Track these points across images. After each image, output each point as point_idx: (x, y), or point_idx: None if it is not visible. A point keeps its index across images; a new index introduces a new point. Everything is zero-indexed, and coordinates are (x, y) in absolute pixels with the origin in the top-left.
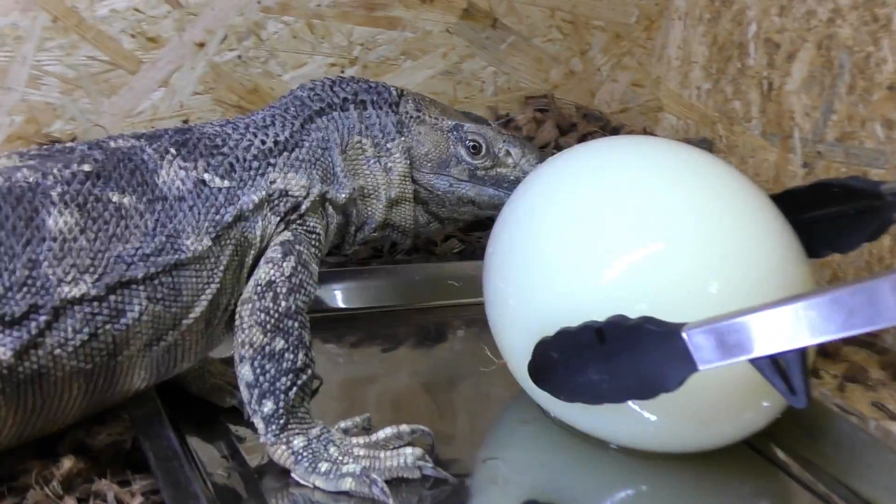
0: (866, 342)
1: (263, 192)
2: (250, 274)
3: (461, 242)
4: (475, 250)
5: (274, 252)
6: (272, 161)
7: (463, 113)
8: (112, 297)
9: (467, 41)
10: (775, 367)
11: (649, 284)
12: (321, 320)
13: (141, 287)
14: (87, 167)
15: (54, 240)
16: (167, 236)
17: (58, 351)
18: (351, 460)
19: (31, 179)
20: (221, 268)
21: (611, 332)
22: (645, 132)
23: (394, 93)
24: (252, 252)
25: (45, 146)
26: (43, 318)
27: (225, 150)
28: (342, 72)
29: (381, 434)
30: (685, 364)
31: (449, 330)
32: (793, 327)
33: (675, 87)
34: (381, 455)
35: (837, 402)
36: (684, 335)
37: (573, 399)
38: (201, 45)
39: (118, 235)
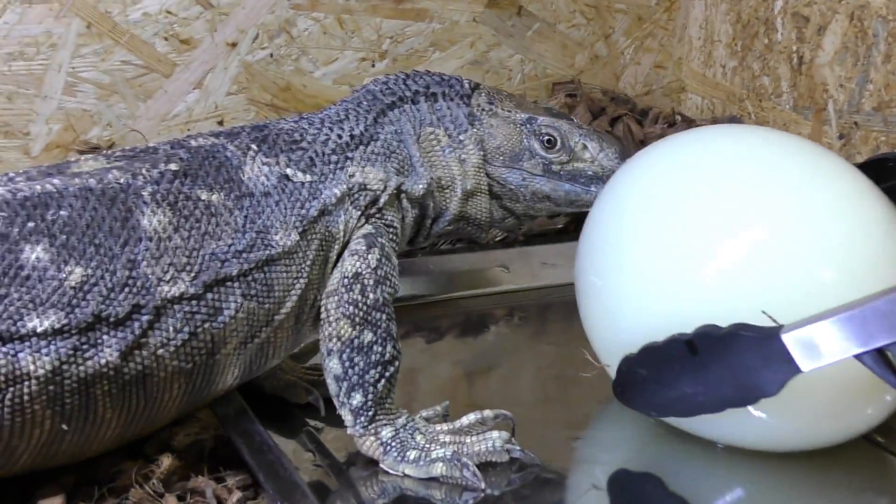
0: None
1: (344, 186)
2: (334, 269)
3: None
4: (516, 238)
5: (358, 244)
6: (350, 155)
7: (544, 108)
8: (209, 296)
9: (493, 30)
10: (882, 359)
11: (756, 277)
12: None
13: (236, 284)
14: (174, 166)
15: (150, 239)
16: (257, 232)
17: (161, 351)
18: (439, 446)
19: (121, 180)
20: (308, 262)
21: (703, 343)
22: (673, 113)
23: (466, 85)
24: (336, 246)
25: (127, 148)
26: (146, 318)
27: (304, 144)
28: (372, 65)
29: (465, 420)
30: (786, 367)
31: (508, 316)
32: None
33: (699, 67)
34: (468, 440)
35: None
36: (784, 338)
37: (665, 414)
38: (233, 45)
39: (210, 233)
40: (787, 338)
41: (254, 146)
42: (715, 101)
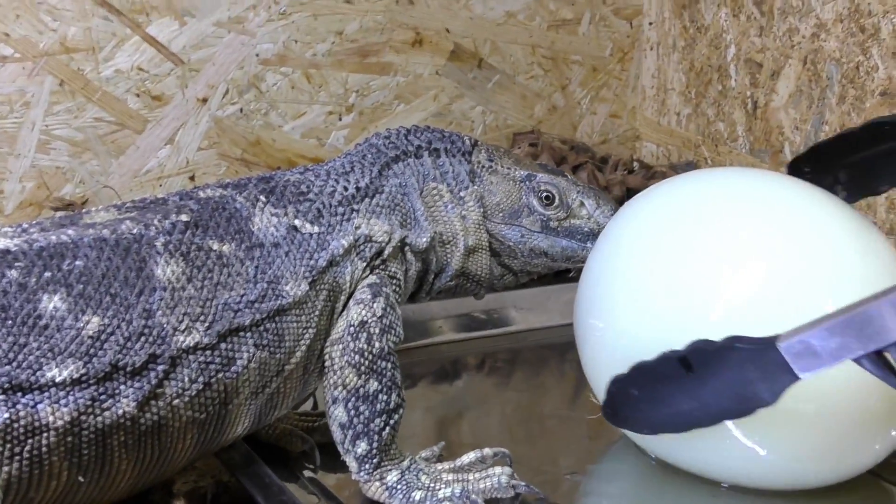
0: None
1: (351, 238)
2: (339, 318)
3: None
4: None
5: (363, 293)
6: (356, 207)
7: (539, 165)
8: (223, 345)
9: (456, 82)
10: (881, 362)
11: (759, 312)
12: None
13: (248, 334)
14: (184, 217)
15: (164, 289)
16: (268, 283)
17: (176, 401)
18: (444, 486)
19: (134, 231)
20: (317, 313)
21: (696, 359)
22: (632, 160)
23: (467, 142)
24: (343, 297)
25: (137, 200)
26: (161, 368)
27: (311, 196)
28: (339, 119)
29: (466, 458)
30: (783, 376)
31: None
32: (893, 319)
33: (653, 115)
34: (471, 478)
35: None
36: (780, 347)
37: (657, 431)
38: (204, 100)
39: (223, 283)
40: (783, 347)
41: (262, 197)
42: (671, 148)
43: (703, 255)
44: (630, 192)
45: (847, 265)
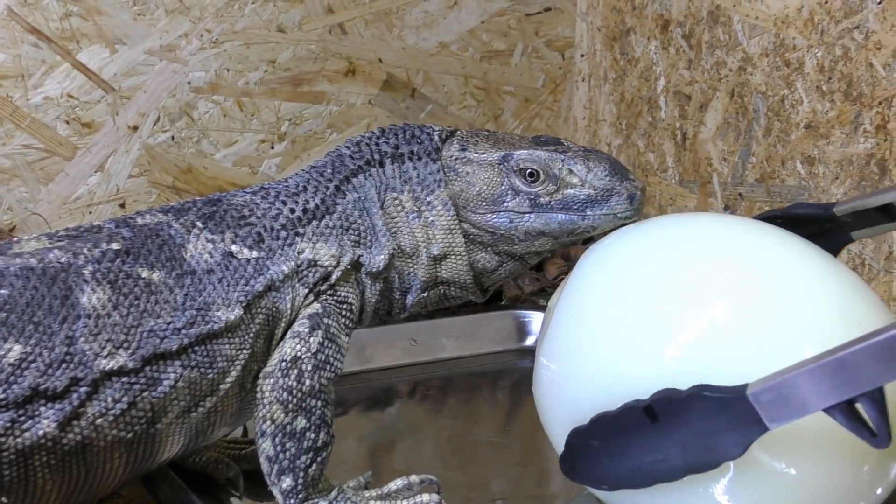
0: None
1: (292, 263)
2: (278, 345)
3: None
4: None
5: (301, 326)
6: (300, 231)
7: (530, 138)
8: (148, 369)
9: (388, 111)
10: (851, 412)
11: (717, 354)
12: None
13: (176, 358)
14: (115, 245)
15: (89, 316)
16: (197, 309)
17: (99, 420)
18: None
19: (63, 260)
20: (252, 335)
21: (662, 409)
22: None
23: (436, 139)
24: (282, 323)
25: (71, 228)
26: (84, 390)
27: (252, 219)
28: (272, 147)
29: (393, 485)
30: (753, 426)
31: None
32: (865, 368)
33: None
34: None
35: None
36: (750, 396)
37: (618, 486)
38: (135, 128)
39: (149, 310)
40: (752, 396)
41: (199, 223)
42: None
43: (663, 301)
44: None
45: (817, 308)
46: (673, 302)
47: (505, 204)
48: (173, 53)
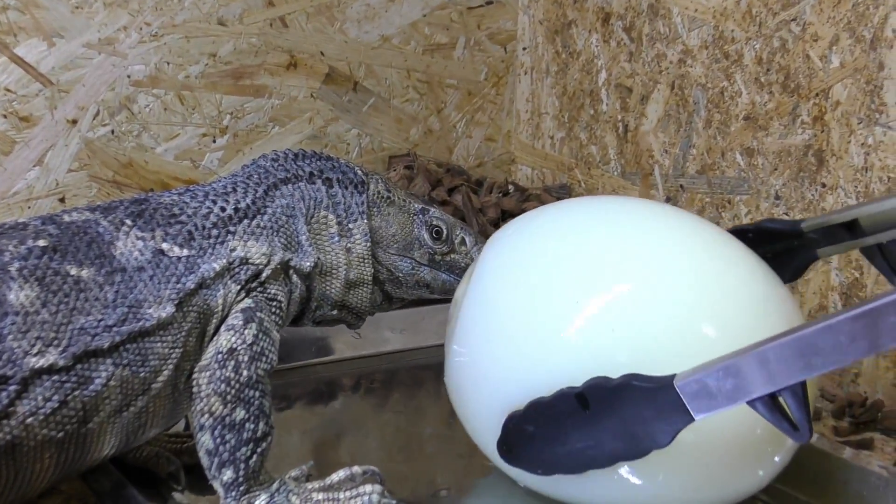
0: None
1: (224, 261)
2: (210, 341)
3: None
4: None
5: (235, 319)
6: (232, 229)
7: (422, 199)
8: (79, 367)
9: (331, 105)
10: (774, 405)
11: (626, 334)
12: None
13: (107, 356)
14: (42, 242)
15: (17, 314)
16: (128, 307)
17: (30, 420)
18: None
19: None
20: (184, 333)
21: (594, 396)
22: (507, 182)
23: (359, 173)
24: (214, 320)
25: None
26: (13, 388)
27: (182, 218)
28: (213, 141)
29: (335, 477)
30: (679, 416)
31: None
32: (788, 363)
33: (527, 139)
34: (341, 496)
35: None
36: (677, 386)
37: (553, 472)
38: (74, 121)
39: (79, 308)
40: (680, 386)
41: (128, 221)
42: (545, 171)
43: (565, 286)
44: (505, 215)
45: (736, 299)
46: (583, 289)
47: (412, 251)
48: (112, 47)
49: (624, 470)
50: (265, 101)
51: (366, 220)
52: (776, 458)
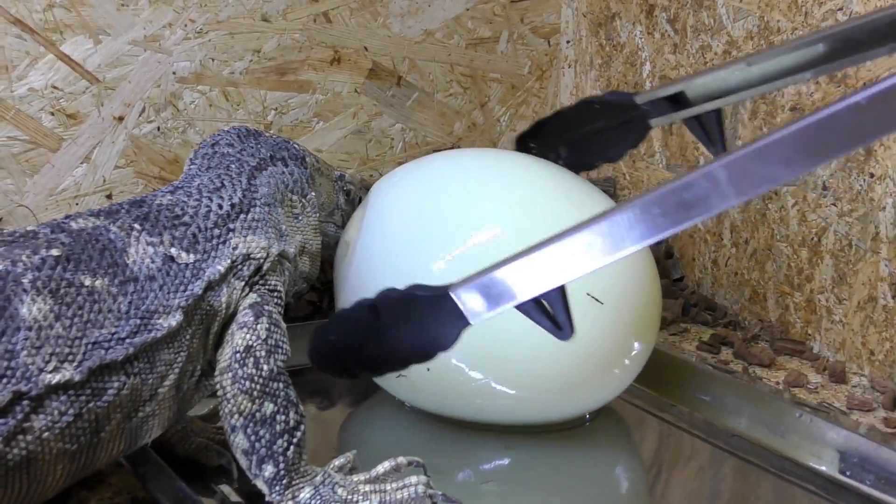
0: (796, 350)
1: (228, 261)
2: (217, 340)
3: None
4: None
5: (245, 316)
6: (231, 226)
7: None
8: (93, 380)
9: (375, 100)
10: (540, 308)
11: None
12: None
13: (120, 368)
14: (55, 251)
15: (30, 328)
16: (141, 318)
17: (46, 434)
18: (361, 498)
19: (0, 268)
20: (188, 337)
21: (383, 305)
22: None
23: (297, 147)
24: (217, 319)
25: (5, 231)
26: (28, 404)
27: (185, 218)
28: None
29: (381, 468)
30: (458, 321)
31: None
32: (546, 269)
33: None
34: (388, 488)
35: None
36: (452, 294)
37: (355, 376)
38: (120, 118)
39: (93, 321)
40: (455, 295)
41: (136, 225)
42: None
43: (440, 230)
44: None
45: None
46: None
47: (333, 216)
48: (157, 44)
49: (497, 384)
50: (309, 97)
51: (312, 193)
52: (626, 361)
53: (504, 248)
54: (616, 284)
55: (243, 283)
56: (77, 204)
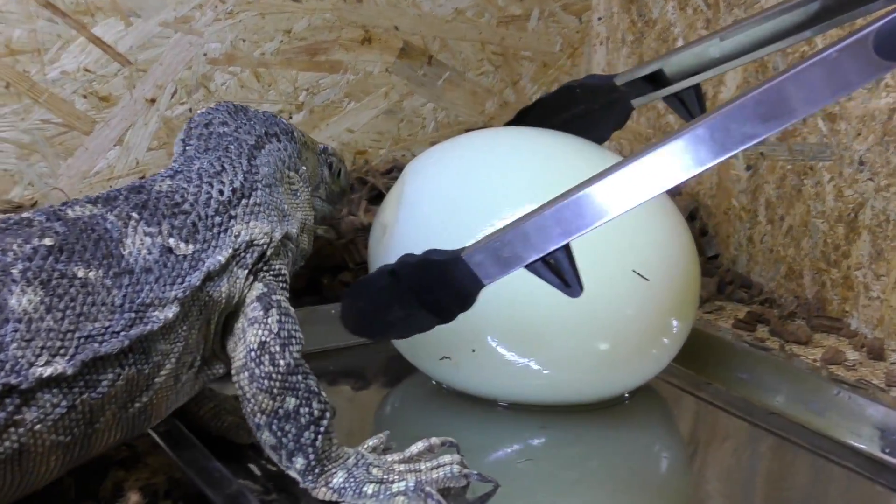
0: (833, 328)
1: (230, 250)
2: (220, 330)
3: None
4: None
5: (254, 311)
6: (233, 213)
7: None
8: (87, 373)
9: (406, 79)
10: (549, 267)
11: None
12: None
13: (114, 360)
14: (48, 241)
15: (19, 321)
16: (136, 311)
17: (38, 426)
18: (397, 477)
19: None
20: (186, 328)
21: (403, 271)
22: None
23: (284, 122)
24: (218, 310)
25: (1, 221)
26: (18, 398)
27: (185, 206)
28: (290, 118)
29: (414, 448)
30: (473, 282)
31: None
32: (550, 230)
33: None
34: (422, 467)
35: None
36: (465, 257)
37: (384, 337)
38: (152, 100)
39: (86, 314)
40: (467, 257)
41: (135, 214)
42: (622, 142)
43: (478, 210)
44: None
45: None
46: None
47: (319, 190)
48: (188, 25)
49: (536, 365)
50: (340, 77)
51: (304, 167)
52: (665, 340)
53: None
54: (655, 262)
55: (247, 272)
56: (111, 186)
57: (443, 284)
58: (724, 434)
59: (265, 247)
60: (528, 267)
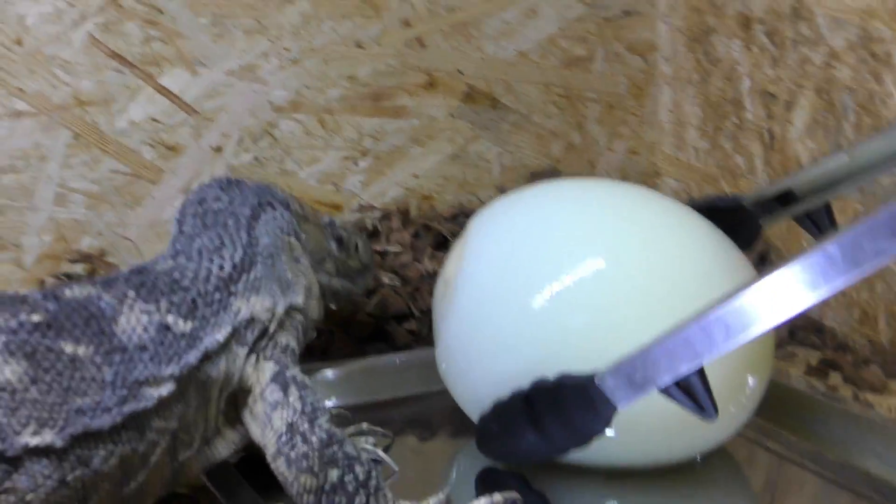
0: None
1: (229, 328)
2: (225, 404)
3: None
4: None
5: (273, 393)
6: (233, 289)
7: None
8: (77, 447)
9: (470, 123)
10: (682, 389)
11: (591, 310)
12: None
13: (107, 437)
14: (36, 317)
15: (3, 389)
16: (128, 388)
17: (30, 496)
18: None
19: None
20: (182, 405)
21: (535, 396)
22: None
23: (279, 191)
24: (216, 388)
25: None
26: (6, 465)
27: (185, 283)
28: (356, 164)
29: None
30: (607, 407)
31: None
32: (682, 353)
33: (671, 151)
34: None
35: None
36: (598, 382)
37: (519, 462)
38: (218, 149)
39: (74, 388)
40: (599, 382)
41: (131, 292)
42: (690, 183)
43: (549, 269)
44: None
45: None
46: (562, 272)
47: (324, 264)
48: (253, 73)
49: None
50: (405, 122)
51: (303, 235)
52: (741, 399)
53: (607, 282)
54: None
55: (247, 350)
56: None
57: (577, 409)
58: (797, 491)
59: (267, 322)
60: (661, 391)
